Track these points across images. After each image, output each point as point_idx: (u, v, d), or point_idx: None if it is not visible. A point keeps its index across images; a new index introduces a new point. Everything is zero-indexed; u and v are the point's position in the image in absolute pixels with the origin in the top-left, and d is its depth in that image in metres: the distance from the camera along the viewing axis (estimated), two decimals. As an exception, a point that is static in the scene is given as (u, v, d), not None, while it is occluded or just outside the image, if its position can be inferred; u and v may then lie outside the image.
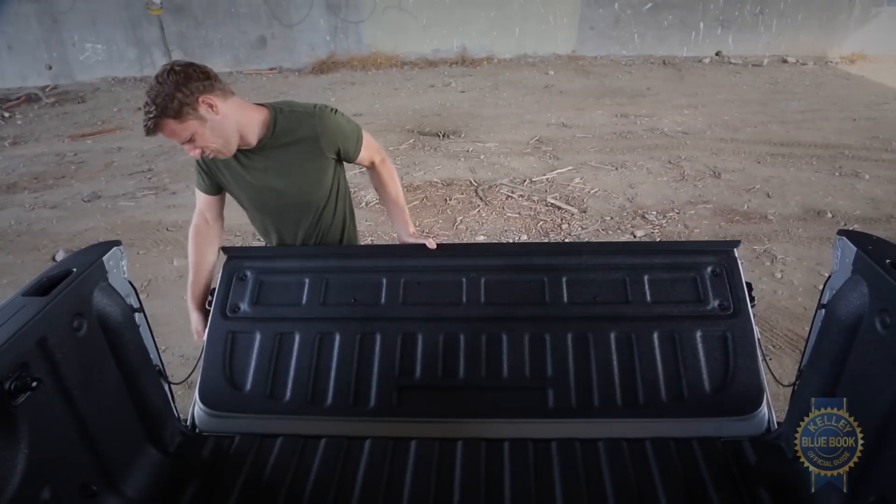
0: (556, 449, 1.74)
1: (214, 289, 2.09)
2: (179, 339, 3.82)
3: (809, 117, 7.93)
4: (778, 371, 3.20)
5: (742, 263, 1.97)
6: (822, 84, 9.74)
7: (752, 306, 1.92)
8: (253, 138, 2.07)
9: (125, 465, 1.62)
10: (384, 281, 2.06)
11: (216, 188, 2.24)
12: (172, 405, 1.90)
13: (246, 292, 2.06)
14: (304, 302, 2.04)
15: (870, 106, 8.35)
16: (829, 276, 1.69)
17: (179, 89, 1.83)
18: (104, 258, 1.68)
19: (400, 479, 1.68)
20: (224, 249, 2.17)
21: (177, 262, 4.94)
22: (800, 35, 11.41)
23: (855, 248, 1.57)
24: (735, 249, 1.99)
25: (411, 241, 2.28)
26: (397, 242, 2.40)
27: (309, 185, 2.22)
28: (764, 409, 1.80)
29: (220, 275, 2.10)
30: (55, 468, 1.39)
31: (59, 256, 5.06)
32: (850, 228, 4.98)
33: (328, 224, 2.34)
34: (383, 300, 2.04)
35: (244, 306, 2.04)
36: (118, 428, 1.63)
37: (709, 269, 1.97)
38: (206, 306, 2.09)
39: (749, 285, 1.95)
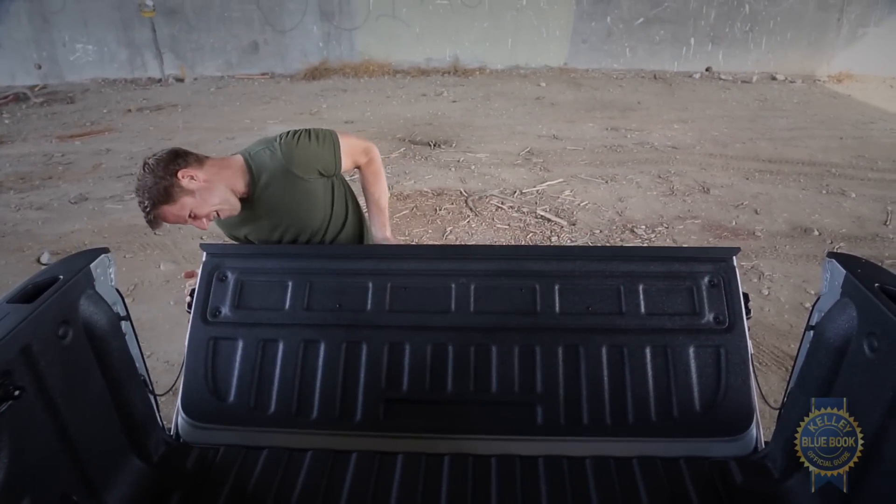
0: (542, 465, 1.74)
1: (194, 290, 2.03)
2: (165, 344, 3.79)
3: (797, 135, 8.01)
4: (764, 388, 3.21)
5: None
6: (810, 102, 9.84)
7: (748, 318, 1.88)
8: (242, 186, 2.11)
9: (108, 476, 1.60)
10: (370, 285, 1.99)
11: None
12: (157, 415, 1.87)
13: (227, 295, 2.00)
14: (287, 307, 1.98)
15: (856, 125, 8.43)
16: (818, 298, 1.70)
17: (158, 175, 1.92)
18: (91, 265, 1.66)
19: (386, 494, 1.67)
20: (203, 246, 2.09)
21: (164, 267, 4.91)
22: (789, 53, 11.53)
23: (844, 271, 1.57)
24: (734, 257, 1.94)
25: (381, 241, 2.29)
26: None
27: (304, 213, 2.23)
28: (753, 430, 1.80)
29: (198, 275, 2.03)
30: (36, 478, 1.37)
31: (45, 258, 5.01)
32: (837, 247, 5.04)
33: (337, 231, 2.35)
34: (369, 306, 1.97)
35: (225, 310, 1.98)
36: (101, 437, 1.61)
37: (706, 280, 1.91)
38: (187, 309, 2.05)
39: (746, 296, 1.91)
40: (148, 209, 1.92)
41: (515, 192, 6.27)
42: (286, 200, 2.16)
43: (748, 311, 1.89)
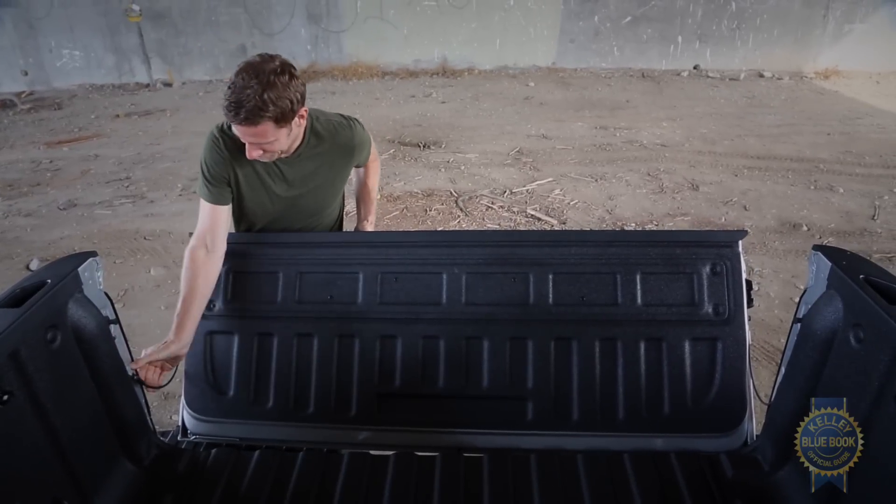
0: (534, 461, 1.74)
1: None
2: (156, 349, 3.77)
3: (785, 131, 8.05)
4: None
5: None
6: (797, 99, 9.89)
7: (750, 307, 1.84)
8: (297, 144, 1.98)
9: (98, 479, 1.60)
10: (360, 276, 1.96)
11: (227, 197, 2.00)
12: (148, 418, 1.87)
13: (220, 287, 1.98)
14: (279, 299, 1.97)
15: (843, 121, 8.48)
16: (805, 291, 1.71)
17: (292, 96, 1.74)
18: (79, 269, 1.66)
19: (379, 488, 1.68)
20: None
21: (154, 272, 4.89)
22: (776, 50, 11.59)
23: (830, 264, 1.59)
24: (740, 242, 1.86)
25: (368, 228, 2.26)
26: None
27: (330, 193, 2.20)
28: (745, 424, 1.81)
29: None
30: (26, 482, 1.36)
31: (34, 265, 4.97)
32: (825, 242, 5.07)
33: (326, 227, 2.33)
34: (360, 298, 1.95)
35: (219, 303, 1.98)
36: (92, 441, 1.61)
37: (708, 267, 1.84)
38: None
39: (749, 283, 1.85)
40: (265, 114, 1.70)
41: (505, 191, 6.28)
42: (326, 174, 2.09)
43: (750, 301, 1.84)
